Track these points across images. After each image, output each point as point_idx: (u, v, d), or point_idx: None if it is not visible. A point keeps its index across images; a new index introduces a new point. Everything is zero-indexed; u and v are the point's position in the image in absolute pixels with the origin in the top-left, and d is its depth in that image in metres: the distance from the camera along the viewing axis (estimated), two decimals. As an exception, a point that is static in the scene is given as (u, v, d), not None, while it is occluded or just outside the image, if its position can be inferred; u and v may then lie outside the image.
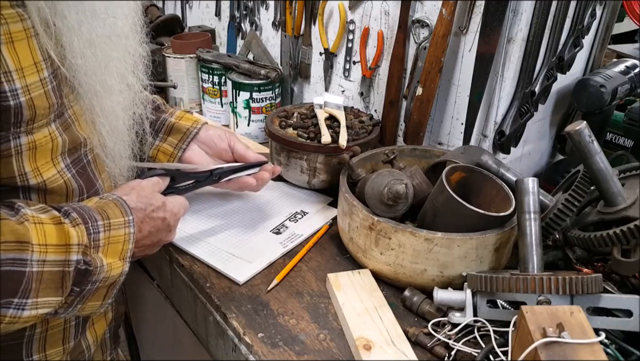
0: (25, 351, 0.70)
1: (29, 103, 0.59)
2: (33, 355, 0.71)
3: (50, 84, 0.61)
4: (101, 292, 0.66)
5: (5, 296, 0.55)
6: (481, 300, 0.72)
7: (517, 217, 0.75)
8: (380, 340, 0.71)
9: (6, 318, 0.57)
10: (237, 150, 0.97)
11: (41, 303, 0.59)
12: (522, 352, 0.57)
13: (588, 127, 0.72)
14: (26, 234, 0.57)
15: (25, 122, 0.60)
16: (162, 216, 0.76)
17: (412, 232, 0.76)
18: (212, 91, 1.34)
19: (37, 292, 0.58)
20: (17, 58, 0.57)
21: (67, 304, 0.63)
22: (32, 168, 0.63)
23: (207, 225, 0.96)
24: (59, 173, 0.67)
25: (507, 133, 1.00)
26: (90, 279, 0.63)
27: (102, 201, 0.69)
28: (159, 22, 1.60)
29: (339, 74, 1.26)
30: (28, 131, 0.61)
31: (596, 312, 0.67)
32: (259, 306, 0.79)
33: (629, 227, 0.68)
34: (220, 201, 1.04)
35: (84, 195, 0.71)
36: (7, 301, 0.56)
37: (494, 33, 0.92)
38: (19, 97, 0.57)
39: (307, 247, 0.91)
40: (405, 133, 1.10)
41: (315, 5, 1.22)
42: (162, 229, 0.76)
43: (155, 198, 0.76)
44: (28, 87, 0.58)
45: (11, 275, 0.55)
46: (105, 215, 0.67)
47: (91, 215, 0.65)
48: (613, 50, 1.31)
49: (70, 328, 0.74)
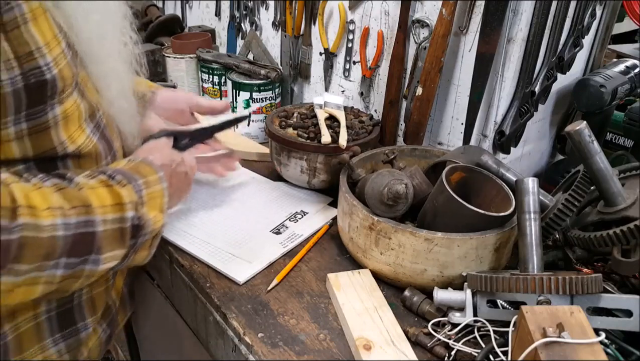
0: (78, 315, 0.75)
1: (60, 74, 0.62)
2: (86, 317, 0.77)
3: (68, 54, 0.64)
4: (147, 243, 0.73)
5: (83, 254, 0.62)
6: (481, 300, 0.72)
7: (517, 217, 0.75)
8: (380, 340, 0.71)
9: (85, 272, 0.63)
10: (202, 105, 1.00)
11: (110, 258, 0.66)
12: (522, 352, 0.57)
13: (588, 127, 0.72)
14: (87, 198, 0.63)
15: (58, 93, 0.63)
16: (184, 170, 0.84)
17: (412, 232, 0.76)
18: (212, 91, 1.34)
19: (106, 248, 0.65)
20: (42, 33, 0.59)
21: (124, 257, 0.69)
22: (67, 137, 0.66)
23: (207, 225, 0.96)
24: (88, 139, 0.70)
25: (507, 133, 1.00)
26: (142, 232, 0.70)
27: (132, 163, 0.75)
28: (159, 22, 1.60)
29: (339, 74, 1.26)
30: (60, 101, 0.64)
31: (596, 312, 0.67)
32: (259, 306, 0.79)
33: (629, 227, 0.68)
34: (221, 201, 1.04)
35: (107, 158, 0.75)
36: (84, 259, 0.62)
37: (494, 33, 0.92)
38: (51, 70, 0.60)
39: (307, 247, 0.91)
40: (405, 133, 1.10)
41: (315, 5, 1.22)
42: (185, 182, 0.84)
43: (174, 155, 0.84)
44: (56, 59, 0.61)
45: (85, 235, 0.62)
46: (141, 175, 0.72)
47: (131, 176, 0.71)
48: (613, 50, 1.31)
49: (110, 287, 0.80)
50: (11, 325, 0.67)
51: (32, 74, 0.58)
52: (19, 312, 0.67)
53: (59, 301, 0.71)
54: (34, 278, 0.58)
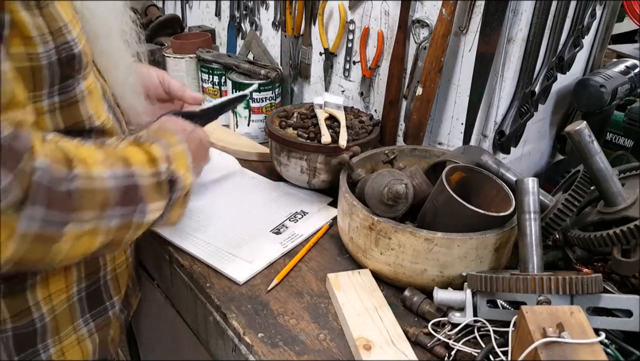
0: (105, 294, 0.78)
1: (84, 50, 0.64)
2: (113, 296, 0.80)
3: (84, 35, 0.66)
4: (180, 201, 0.75)
5: (132, 204, 0.65)
6: (481, 300, 0.72)
7: (517, 217, 0.75)
8: (380, 340, 0.71)
9: (134, 223, 0.67)
10: (174, 89, 0.99)
11: (153, 209, 0.69)
12: (522, 352, 0.57)
13: (588, 127, 0.72)
14: (125, 154, 0.66)
15: (83, 67, 0.65)
16: (198, 137, 0.84)
17: (412, 232, 0.76)
18: (212, 91, 1.34)
19: (150, 199, 0.68)
20: (65, 12, 0.61)
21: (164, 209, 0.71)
22: (94, 112, 0.69)
23: (207, 225, 0.96)
24: (107, 116, 0.73)
25: (507, 133, 1.00)
26: (176, 187, 0.72)
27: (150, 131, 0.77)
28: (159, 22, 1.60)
29: (339, 74, 1.26)
30: (84, 77, 0.66)
31: (596, 312, 0.67)
32: (259, 306, 0.79)
33: (629, 227, 0.68)
34: (221, 201, 1.04)
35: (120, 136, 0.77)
36: (133, 209, 0.66)
37: (494, 33, 0.92)
38: (77, 45, 0.63)
39: (307, 247, 0.91)
40: (405, 133, 1.10)
41: (315, 5, 1.22)
42: (202, 148, 0.84)
43: (186, 124, 0.84)
44: (78, 36, 0.64)
45: (130, 187, 0.65)
46: (162, 137, 0.74)
47: (154, 137, 0.73)
48: (613, 50, 1.31)
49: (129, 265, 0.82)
50: (48, 308, 0.70)
51: (63, 48, 0.61)
52: (54, 294, 0.70)
53: (88, 281, 0.74)
54: (94, 228, 0.61)
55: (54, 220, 0.56)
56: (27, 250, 0.55)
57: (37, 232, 0.55)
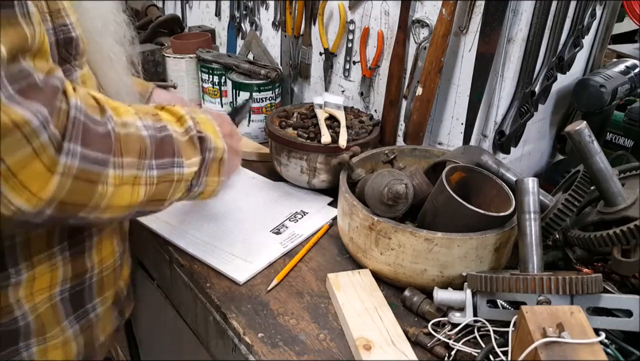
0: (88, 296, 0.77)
1: (81, 36, 0.64)
2: (94, 298, 0.78)
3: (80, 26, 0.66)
4: (215, 167, 0.75)
5: (169, 155, 0.66)
6: (481, 300, 0.72)
7: (517, 217, 0.75)
8: (380, 340, 0.71)
9: (175, 175, 0.67)
10: None
11: (190, 163, 0.69)
12: (522, 352, 0.57)
13: (588, 127, 0.72)
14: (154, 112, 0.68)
15: (80, 54, 0.65)
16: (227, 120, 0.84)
17: (412, 232, 0.76)
18: (212, 91, 1.34)
19: (185, 153, 0.68)
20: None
21: (198, 172, 0.71)
22: None
23: (208, 225, 0.96)
24: None
25: (507, 133, 1.00)
26: (207, 145, 0.72)
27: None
28: (159, 22, 1.60)
29: (339, 74, 1.26)
30: (80, 65, 0.66)
31: (596, 312, 0.67)
32: (259, 306, 0.79)
33: (629, 227, 0.68)
34: (221, 201, 1.04)
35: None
36: (171, 161, 0.66)
37: (494, 33, 0.92)
38: (75, 30, 0.63)
39: (307, 247, 0.91)
40: (405, 133, 1.10)
41: (315, 5, 1.22)
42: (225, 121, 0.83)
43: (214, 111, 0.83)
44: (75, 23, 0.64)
45: (165, 138, 0.66)
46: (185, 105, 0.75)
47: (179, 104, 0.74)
48: (613, 50, 1.31)
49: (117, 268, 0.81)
50: (30, 306, 0.69)
51: (61, 30, 0.61)
52: (37, 293, 0.69)
53: (73, 282, 0.73)
54: (135, 177, 0.61)
55: (93, 158, 0.55)
56: (70, 188, 0.54)
57: (78, 168, 0.54)
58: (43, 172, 0.52)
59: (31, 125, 0.50)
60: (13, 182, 0.50)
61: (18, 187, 0.51)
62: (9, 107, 0.48)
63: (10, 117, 0.48)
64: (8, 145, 0.49)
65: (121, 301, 0.85)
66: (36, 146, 0.50)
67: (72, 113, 0.54)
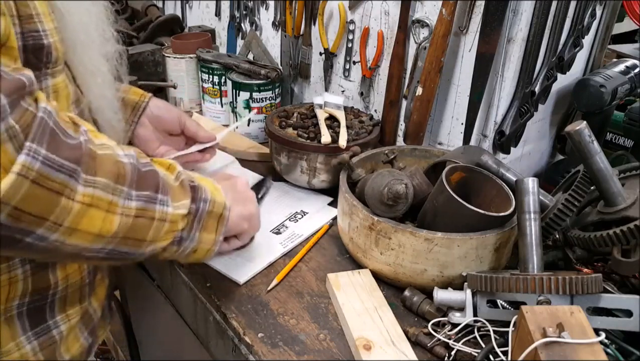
0: (49, 313, 0.73)
1: (55, 45, 0.62)
2: (56, 315, 0.74)
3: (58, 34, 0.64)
4: (212, 224, 0.70)
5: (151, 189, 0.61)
6: (481, 300, 0.72)
7: (517, 217, 0.75)
8: (380, 340, 0.71)
9: (157, 213, 0.62)
10: (189, 128, 0.99)
11: (177, 205, 0.65)
12: (522, 352, 0.57)
13: (588, 127, 0.72)
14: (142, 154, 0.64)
15: (52, 62, 0.63)
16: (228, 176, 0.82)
17: (412, 232, 0.76)
18: (212, 91, 1.34)
19: (172, 193, 0.64)
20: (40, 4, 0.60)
21: (189, 224, 0.67)
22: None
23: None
24: None
25: (507, 133, 1.00)
26: (201, 195, 0.68)
27: None
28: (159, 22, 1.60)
29: (339, 74, 1.26)
30: (52, 74, 0.64)
31: (596, 312, 0.67)
32: (259, 306, 0.79)
33: (629, 227, 0.68)
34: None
35: None
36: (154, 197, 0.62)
37: (494, 33, 0.92)
38: (48, 37, 0.61)
39: (307, 247, 0.91)
40: (405, 133, 1.10)
41: (315, 5, 1.22)
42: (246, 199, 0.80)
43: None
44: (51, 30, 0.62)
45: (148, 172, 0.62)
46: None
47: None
48: (613, 50, 1.31)
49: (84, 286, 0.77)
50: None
51: (30, 36, 0.58)
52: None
53: (32, 297, 0.69)
54: (110, 203, 0.56)
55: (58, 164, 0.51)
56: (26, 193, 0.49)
57: (39, 171, 0.49)
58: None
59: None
60: None
61: None
62: None
63: None
64: None
65: (93, 321, 0.81)
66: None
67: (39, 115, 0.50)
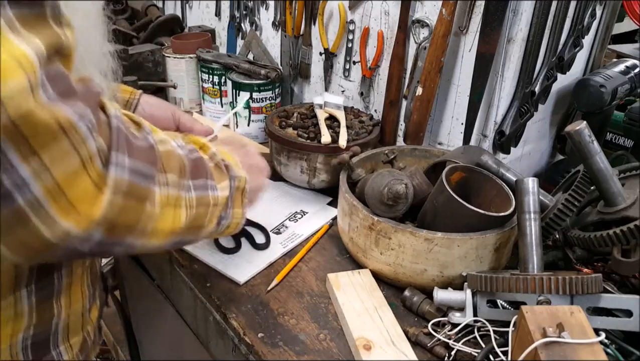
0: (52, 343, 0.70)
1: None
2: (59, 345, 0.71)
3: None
4: (238, 198, 0.70)
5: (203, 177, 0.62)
6: (481, 300, 0.72)
7: (517, 217, 0.75)
8: (380, 340, 0.71)
9: (211, 199, 0.63)
10: (184, 123, 0.97)
11: (222, 186, 0.66)
12: (522, 352, 0.57)
13: (588, 127, 0.72)
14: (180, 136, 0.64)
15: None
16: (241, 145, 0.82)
17: (412, 232, 0.76)
18: (212, 91, 1.34)
19: (215, 176, 0.65)
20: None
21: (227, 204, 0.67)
22: None
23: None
24: None
25: (507, 133, 1.00)
26: (232, 173, 0.68)
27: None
28: (159, 22, 1.60)
29: (339, 74, 1.26)
30: None
31: (596, 312, 0.67)
32: (259, 306, 0.79)
33: (629, 227, 0.68)
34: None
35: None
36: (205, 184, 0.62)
37: (494, 33, 0.92)
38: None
39: (307, 247, 0.91)
40: (405, 133, 1.10)
41: (315, 5, 1.22)
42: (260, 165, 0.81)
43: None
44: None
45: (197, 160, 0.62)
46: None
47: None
48: (613, 50, 1.31)
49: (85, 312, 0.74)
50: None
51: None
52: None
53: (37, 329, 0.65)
54: (177, 196, 0.57)
55: (141, 171, 0.51)
56: (120, 207, 0.48)
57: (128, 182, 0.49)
58: (92, 188, 0.46)
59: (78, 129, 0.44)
60: (62, 201, 0.44)
61: (66, 206, 0.45)
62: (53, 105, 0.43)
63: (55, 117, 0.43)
64: (54, 153, 0.43)
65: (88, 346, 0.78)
66: (84, 156, 0.45)
67: (113, 123, 0.49)
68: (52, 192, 0.43)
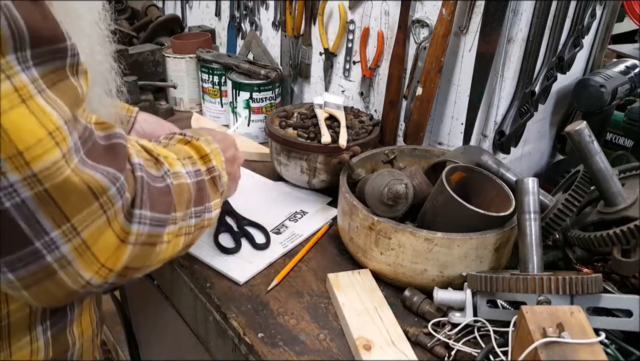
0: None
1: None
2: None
3: None
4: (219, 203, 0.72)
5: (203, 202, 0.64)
6: (481, 300, 0.72)
7: (517, 217, 0.75)
8: (380, 340, 0.71)
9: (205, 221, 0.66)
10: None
11: (214, 205, 0.68)
12: (522, 352, 0.57)
13: (588, 127, 0.72)
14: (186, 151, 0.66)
15: None
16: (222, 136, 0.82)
17: (412, 232, 0.76)
18: (212, 91, 1.34)
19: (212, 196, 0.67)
20: None
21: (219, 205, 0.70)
22: None
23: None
24: None
25: (507, 133, 1.00)
26: (221, 183, 0.71)
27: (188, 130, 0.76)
28: (159, 22, 1.60)
29: (339, 74, 1.26)
30: None
31: (596, 312, 0.67)
32: (259, 306, 0.79)
33: (629, 227, 0.68)
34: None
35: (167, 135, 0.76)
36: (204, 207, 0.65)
37: (494, 33, 0.92)
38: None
39: (307, 247, 0.91)
40: (405, 133, 1.10)
41: (315, 5, 1.22)
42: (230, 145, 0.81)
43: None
44: None
45: (200, 183, 0.64)
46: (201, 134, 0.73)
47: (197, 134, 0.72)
48: (613, 50, 1.31)
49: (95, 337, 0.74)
50: None
51: None
52: None
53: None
54: (179, 229, 0.59)
55: (157, 220, 0.53)
56: (137, 254, 0.51)
57: (147, 234, 0.52)
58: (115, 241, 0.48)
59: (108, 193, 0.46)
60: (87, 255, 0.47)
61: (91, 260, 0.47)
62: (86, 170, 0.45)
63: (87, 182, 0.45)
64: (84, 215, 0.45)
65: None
66: (110, 215, 0.47)
67: (137, 174, 0.51)
68: (78, 250, 0.46)
